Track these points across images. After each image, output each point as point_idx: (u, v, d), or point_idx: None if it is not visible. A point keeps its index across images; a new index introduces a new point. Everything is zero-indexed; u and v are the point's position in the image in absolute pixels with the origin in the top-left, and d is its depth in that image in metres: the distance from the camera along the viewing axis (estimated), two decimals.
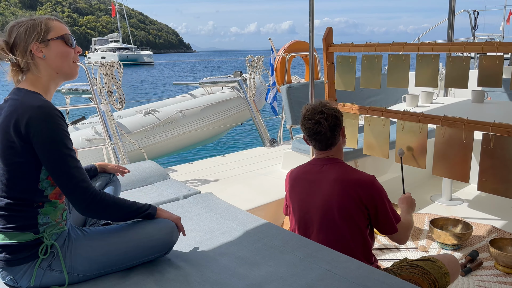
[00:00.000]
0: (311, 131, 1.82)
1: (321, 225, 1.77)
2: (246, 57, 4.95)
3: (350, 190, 1.72)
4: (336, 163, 1.83)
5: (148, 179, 2.42)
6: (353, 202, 1.71)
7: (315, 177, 1.83)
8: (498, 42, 1.88)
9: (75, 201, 1.32)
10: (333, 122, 1.80)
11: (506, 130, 1.90)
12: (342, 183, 1.74)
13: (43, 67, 1.40)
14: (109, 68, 3.66)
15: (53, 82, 1.44)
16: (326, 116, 1.79)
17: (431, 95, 3.49)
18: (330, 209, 1.74)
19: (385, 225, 1.76)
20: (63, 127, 1.33)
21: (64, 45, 1.43)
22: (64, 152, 1.31)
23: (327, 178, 1.78)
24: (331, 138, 1.82)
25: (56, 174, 1.31)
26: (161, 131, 5.31)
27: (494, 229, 2.76)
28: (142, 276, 1.41)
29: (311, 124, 1.81)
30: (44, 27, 1.40)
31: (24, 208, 1.34)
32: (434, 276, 1.76)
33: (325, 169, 1.82)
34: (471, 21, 6.59)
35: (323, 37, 2.61)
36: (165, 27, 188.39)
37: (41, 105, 1.31)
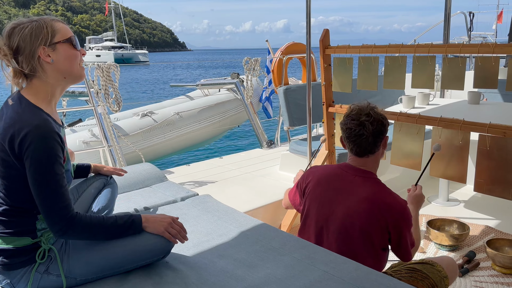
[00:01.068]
0: (352, 132, 1.67)
1: (337, 237, 1.68)
2: (241, 55, 4.97)
3: (379, 214, 1.61)
4: (370, 178, 1.70)
5: (145, 182, 2.41)
6: (378, 226, 1.63)
7: (344, 186, 1.70)
8: (494, 43, 1.89)
9: (51, 226, 1.29)
10: (379, 128, 1.65)
11: (502, 131, 1.91)
12: (373, 204, 1.62)
13: (51, 72, 1.34)
14: (106, 70, 3.66)
15: (60, 86, 1.40)
16: (373, 120, 1.64)
17: (428, 97, 3.50)
18: (352, 225, 1.65)
19: (402, 252, 1.71)
20: (56, 150, 1.28)
21: (71, 48, 1.38)
22: (51, 177, 1.26)
23: (357, 193, 1.66)
24: (372, 145, 1.67)
25: (37, 196, 1.27)
26: (158, 133, 5.31)
27: (490, 230, 2.77)
28: (140, 279, 1.41)
29: (354, 125, 1.66)
30: (50, 29, 1.33)
31: (23, 215, 1.34)
32: (433, 280, 1.75)
33: (356, 180, 1.69)
34: (467, 22, 6.63)
35: (320, 39, 2.62)
36: (159, 26, 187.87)
37: (39, 125, 1.26)
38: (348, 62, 2.56)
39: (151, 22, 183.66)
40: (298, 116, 3.75)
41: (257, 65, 4.98)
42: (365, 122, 1.65)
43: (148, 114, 5.35)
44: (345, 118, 1.72)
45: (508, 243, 2.39)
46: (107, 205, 1.79)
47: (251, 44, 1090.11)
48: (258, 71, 5.05)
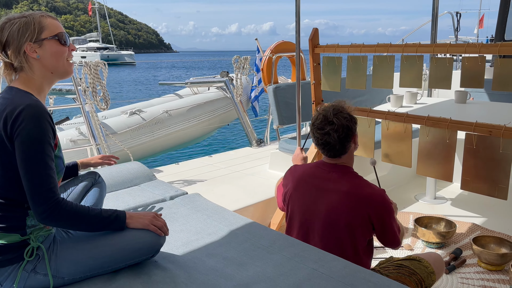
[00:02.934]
0: (319, 140, 1.74)
1: (323, 234, 1.71)
2: (227, 57, 4.96)
3: (360, 205, 1.66)
4: (347, 173, 1.74)
5: (133, 180, 2.40)
6: (361, 218, 1.66)
7: (323, 184, 1.74)
8: (480, 43, 1.91)
9: (35, 209, 1.27)
10: (344, 133, 1.70)
11: (488, 130, 1.94)
12: (353, 198, 1.67)
13: (37, 67, 1.37)
14: (93, 68, 3.62)
15: (47, 81, 1.41)
16: (337, 127, 1.69)
17: (415, 96, 3.53)
18: (335, 221, 1.68)
19: (390, 239, 1.73)
20: (47, 131, 1.29)
21: (58, 44, 1.39)
22: (40, 157, 1.26)
23: (336, 189, 1.70)
24: (341, 149, 1.72)
25: (25, 176, 1.26)
26: (147, 131, 5.27)
27: (477, 227, 2.81)
28: (128, 279, 1.40)
29: (320, 135, 1.72)
30: (37, 25, 1.35)
31: (14, 209, 1.32)
32: (420, 276, 1.78)
33: (333, 177, 1.73)
34: (454, 23, 6.71)
35: (309, 38, 2.63)
36: (145, 27, 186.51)
37: (31, 104, 1.28)
38: (337, 61, 2.57)
39: (136, 23, 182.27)
40: (287, 114, 3.76)
41: (246, 63, 4.98)
42: (330, 131, 1.70)
43: (137, 112, 5.31)
44: (311, 125, 1.77)
45: (494, 241, 2.43)
46: (95, 204, 1.77)
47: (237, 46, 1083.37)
48: (248, 69, 5.05)
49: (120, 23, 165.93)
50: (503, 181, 1.94)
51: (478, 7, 19.38)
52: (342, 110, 1.73)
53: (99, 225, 1.38)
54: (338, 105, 1.77)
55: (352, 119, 1.74)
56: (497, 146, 1.93)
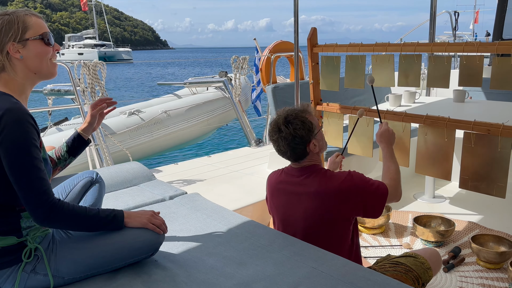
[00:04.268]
0: (274, 147, 1.74)
1: (304, 236, 1.72)
2: (224, 54, 4.97)
3: (332, 201, 1.66)
4: (313, 172, 1.73)
5: (133, 180, 2.40)
6: (336, 213, 1.67)
7: (293, 189, 1.74)
8: (478, 42, 1.92)
9: (32, 213, 1.26)
10: (294, 141, 1.66)
11: (486, 129, 1.95)
12: (322, 196, 1.67)
13: (20, 68, 1.33)
14: (92, 68, 3.62)
15: (30, 82, 1.37)
16: (285, 135, 1.66)
17: (414, 95, 3.54)
18: (313, 222, 1.69)
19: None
20: (31, 133, 1.25)
21: (42, 44, 1.35)
22: (28, 161, 1.24)
23: (307, 191, 1.70)
24: (294, 156, 1.71)
25: (16, 183, 1.24)
26: (146, 131, 5.28)
27: (475, 226, 2.82)
28: (129, 278, 1.40)
29: (273, 142, 1.73)
30: (21, 25, 1.31)
31: (6, 213, 1.31)
32: (417, 272, 1.78)
33: (302, 180, 1.73)
34: (452, 21, 6.72)
35: (307, 37, 2.64)
36: (141, 24, 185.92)
37: (10, 108, 1.24)
38: (336, 61, 2.58)
39: (132, 20, 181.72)
40: None
41: (245, 63, 4.98)
42: (278, 139, 1.68)
43: (136, 112, 5.32)
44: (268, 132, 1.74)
45: (492, 239, 2.44)
46: (94, 204, 1.77)
47: (234, 43, 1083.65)
48: (246, 69, 5.05)
49: (116, 19, 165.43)
50: (501, 180, 1.95)
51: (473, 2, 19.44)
52: (296, 117, 1.68)
53: (97, 225, 1.38)
54: (295, 110, 1.71)
55: (304, 126, 1.67)
56: (495, 144, 1.94)
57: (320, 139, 1.76)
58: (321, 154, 1.82)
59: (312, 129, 1.71)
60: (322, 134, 1.79)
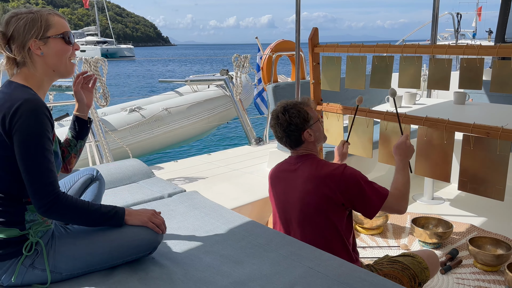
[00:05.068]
0: (274, 134, 1.88)
1: (299, 222, 1.79)
2: (226, 50, 4.96)
3: (321, 185, 1.73)
4: (308, 159, 1.83)
5: (132, 177, 2.40)
6: (326, 198, 1.72)
7: (290, 175, 1.85)
8: (479, 45, 1.92)
9: (36, 202, 1.29)
10: (289, 128, 1.80)
11: (486, 131, 1.95)
12: (315, 180, 1.75)
13: (40, 64, 1.38)
14: (93, 65, 3.62)
15: (48, 78, 1.42)
16: (281, 121, 1.81)
17: (414, 96, 3.54)
18: (306, 207, 1.76)
19: (366, 208, 1.73)
20: (46, 125, 1.30)
21: (63, 43, 1.41)
22: (39, 151, 1.28)
23: (301, 176, 1.80)
24: (289, 142, 1.84)
25: (25, 171, 1.28)
26: (146, 128, 5.28)
27: (473, 228, 2.82)
28: (126, 275, 1.40)
29: (272, 129, 1.88)
30: (44, 23, 1.37)
31: (12, 203, 1.34)
32: (413, 271, 1.80)
33: (298, 166, 1.84)
34: (454, 24, 6.71)
35: (309, 37, 2.63)
36: (142, 20, 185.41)
37: (29, 99, 1.29)
38: (337, 61, 2.58)
39: (133, 16, 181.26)
40: None
41: (246, 62, 4.98)
42: (275, 125, 1.84)
43: (136, 109, 5.32)
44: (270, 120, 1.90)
45: (490, 242, 2.44)
46: (93, 201, 1.77)
47: (236, 40, 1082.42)
48: (248, 68, 5.05)
49: (117, 16, 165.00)
50: (500, 182, 1.95)
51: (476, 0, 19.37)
52: (294, 106, 1.81)
53: (98, 220, 1.40)
54: (294, 101, 1.85)
55: (299, 115, 1.80)
56: (494, 147, 1.94)
57: (317, 130, 1.86)
58: (318, 145, 1.91)
59: (308, 119, 1.82)
60: (319, 126, 1.89)
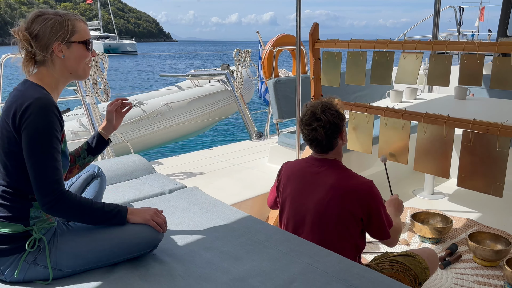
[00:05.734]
0: (307, 136, 1.77)
1: (313, 228, 1.73)
2: (227, 47, 4.95)
3: (346, 197, 1.68)
4: (334, 166, 1.77)
5: (133, 173, 2.42)
6: (347, 210, 1.68)
7: (311, 179, 1.77)
8: (479, 41, 1.92)
9: (40, 199, 1.32)
10: (331, 129, 1.72)
11: (485, 128, 1.95)
12: (339, 190, 1.69)
13: (59, 66, 1.41)
14: (94, 60, 3.62)
15: (64, 80, 1.46)
16: (324, 123, 1.71)
17: (415, 91, 3.54)
18: (323, 214, 1.70)
19: (378, 231, 1.73)
20: (55, 124, 1.32)
21: (84, 49, 1.45)
22: (46, 150, 1.31)
23: (324, 182, 1.73)
24: (328, 145, 1.75)
25: (31, 167, 1.31)
26: (147, 123, 5.29)
27: (473, 223, 2.83)
28: (126, 271, 1.42)
29: (308, 131, 1.75)
30: (71, 28, 1.40)
31: (18, 199, 1.36)
32: (414, 272, 1.80)
33: (322, 171, 1.77)
34: (457, 17, 6.67)
35: (309, 33, 2.63)
36: (144, 16, 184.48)
37: (40, 97, 1.32)
38: (337, 57, 2.58)
39: (136, 11, 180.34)
40: (287, 109, 3.77)
41: (247, 56, 4.97)
42: (317, 127, 1.72)
43: (137, 104, 5.32)
44: (300, 121, 1.80)
45: (489, 237, 2.45)
46: (95, 197, 1.80)
47: (238, 36, 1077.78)
48: (249, 62, 5.04)
49: (119, 11, 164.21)
50: (499, 179, 1.96)
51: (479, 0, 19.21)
52: (330, 107, 1.75)
53: (101, 219, 1.42)
54: (327, 101, 1.78)
55: (339, 116, 1.76)
56: (493, 143, 1.94)
57: (345, 132, 1.83)
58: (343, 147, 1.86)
59: (344, 118, 1.79)
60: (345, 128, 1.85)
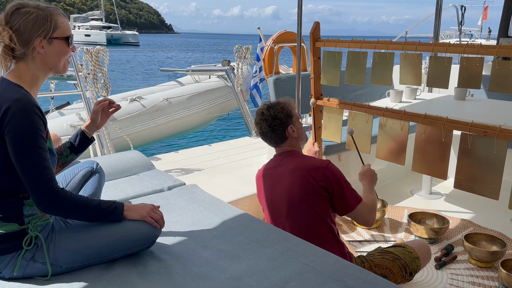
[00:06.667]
0: (258, 132, 1.97)
1: (288, 214, 1.85)
2: (229, 40, 4.95)
3: (307, 175, 1.81)
4: (293, 154, 1.92)
5: (132, 169, 2.42)
6: (311, 186, 1.80)
7: (276, 171, 1.93)
8: (479, 44, 1.92)
9: (35, 199, 1.32)
10: (274, 122, 1.89)
11: (483, 130, 1.96)
12: (300, 171, 1.84)
13: (39, 61, 1.39)
14: (95, 55, 3.62)
15: (43, 75, 1.43)
16: (266, 117, 1.89)
17: (415, 91, 3.55)
18: (292, 197, 1.83)
19: (341, 205, 1.83)
20: (38, 123, 1.30)
21: (66, 45, 1.43)
22: (33, 150, 1.29)
23: (286, 170, 1.88)
24: (274, 137, 1.92)
25: (21, 170, 1.29)
26: (147, 118, 5.29)
27: (470, 224, 2.85)
28: (125, 268, 1.43)
29: (257, 127, 1.95)
30: (53, 23, 1.37)
31: (10, 199, 1.35)
32: (404, 260, 1.85)
33: (283, 162, 1.92)
34: (458, 16, 6.66)
35: (310, 31, 2.63)
36: (146, 7, 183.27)
37: (19, 98, 1.29)
38: (337, 56, 2.58)
39: (137, 2, 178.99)
40: None
41: (248, 53, 4.97)
42: (261, 121, 1.92)
43: (137, 99, 5.32)
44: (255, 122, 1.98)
45: (485, 238, 2.47)
46: (93, 194, 1.80)
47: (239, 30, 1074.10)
48: (249, 59, 5.04)
49: (121, 1, 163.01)
50: (495, 181, 1.97)
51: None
52: (277, 105, 1.92)
53: (98, 216, 1.43)
54: (278, 100, 1.95)
55: (284, 111, 1.90)
56: (491, 146, 1.95)
57: (299, 128, 1.96)
58: (301, 144, 2.00)
59: (291, 115, 1.93)
60: (301, 125, 1.99)
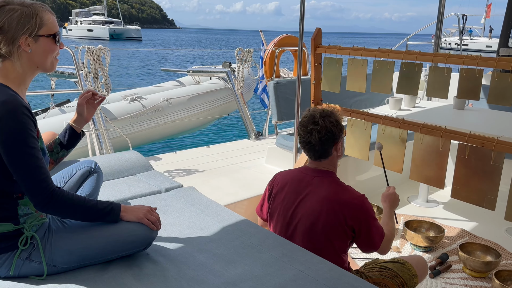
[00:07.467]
0: (302, 139, 1.77)
1: (303, 237, 1.74)
2: (231, 36, 4.97)
3: (338, 211, 1.68)
4: (327, 178, 1.77)
5: (130, 170, 2.43)
6: (338, 223, 1.68)
7: (304, 189, 1.77)
8: (479, 56, 1.93)
9: (33, 200, 1.31)
10: (326, 136, 1.72)
11: (481, 142, 1.97)
12: (331, 204, 1.69)
13: (25, 59, 1.36)
14: (96, 54, 3.63)
15: (31, 73, 1.41)
16: (320, 128, 1.71)
17: (414, 99, 3.56)
18: (314, 226, 1.71)
19: (366, 243, 1.74)
20: (28, 124, 1.29)
21: (52, 43, 1.40)
22: (25, 151, 1.28)
23: (316, 194, 1.73)
24: (321, 151, 1.75)
25: (15, 172, 1.29)
26: (147, 118, 5.30)
27: (465, 233, 2.86)
28: (120, 270, 1.44)
29: (303, 132, 1.75)
30: (38, 21, 1.34)
31: (3, 200, 1.35)
32: (403, 278, 1.84)
33: (315, 181, 1.76)
34: (459, 25, 6.69)
35: (311, 37, 2.64)
36: (148, 1, 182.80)
37: (6, 100, 1.27)
38: (338, 63, 2.59)
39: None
40: (286, 110, 3.78)
41: (249, 56, 4.98)
42: (312, 130, 1.72)
43: (137, 99, 5.33)
44: (299, 123, 1.80)
45: (480, 248, 2.48)
46: (91, 194, 1.80)
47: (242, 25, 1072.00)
48: (250, 62, 5.06)
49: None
50: (492, 192, 1.98)
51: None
52: (331, 115, 1.75)
53: (94, 216, 1.43)
54: (329, 110, 1.78)
55: (337, 125, 1.75)
56: (488, 157, 1.97)
57: (342, 145, 1.81)
58: (337, 163, 1.85)
59: (342, 130, 1.78)
60: (343, 142, 1.84)
